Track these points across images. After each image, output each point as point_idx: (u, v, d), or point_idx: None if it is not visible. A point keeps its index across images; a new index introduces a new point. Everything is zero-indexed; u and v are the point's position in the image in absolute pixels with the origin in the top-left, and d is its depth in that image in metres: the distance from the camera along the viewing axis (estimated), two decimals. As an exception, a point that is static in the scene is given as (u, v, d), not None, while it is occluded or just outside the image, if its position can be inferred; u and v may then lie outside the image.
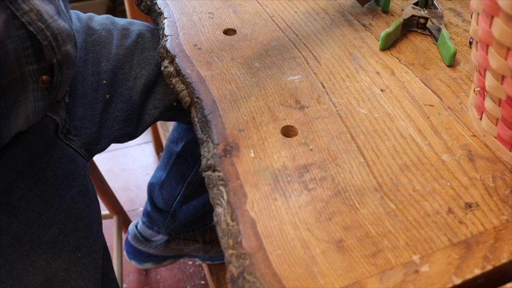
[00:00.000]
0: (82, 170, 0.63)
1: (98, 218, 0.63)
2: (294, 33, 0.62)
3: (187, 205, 0.97)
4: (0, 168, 0.54)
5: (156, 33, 0.71)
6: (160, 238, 1.05)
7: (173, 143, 0.94)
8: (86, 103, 0.65)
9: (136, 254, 1.09)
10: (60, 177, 0.59)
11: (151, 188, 1.00)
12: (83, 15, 0.71)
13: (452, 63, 0.56)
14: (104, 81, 0.67)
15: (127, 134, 0.70)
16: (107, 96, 0.67)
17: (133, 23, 0.73)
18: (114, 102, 0.68)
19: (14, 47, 0.48)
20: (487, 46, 0.41)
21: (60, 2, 0.57)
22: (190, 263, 1.30)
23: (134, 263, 1.11)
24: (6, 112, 0.50)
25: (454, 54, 0.55)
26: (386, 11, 0.67)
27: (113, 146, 0.72)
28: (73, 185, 0.60)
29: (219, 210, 0.40)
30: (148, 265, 1.11)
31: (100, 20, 0.71)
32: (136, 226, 1.08)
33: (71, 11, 0.70)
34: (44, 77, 0.52)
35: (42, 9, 0.50)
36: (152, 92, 0.69)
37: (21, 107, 0.52)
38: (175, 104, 0.70)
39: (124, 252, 1.12)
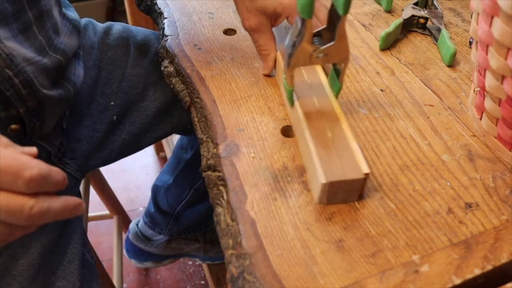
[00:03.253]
0: (71, 190, 0.61)
1: (76, 238, 0.59)
2: (294, 33, 0.62)
3: (191, 209, 0.97)
4: None
5: None
6: (161, 237, 1.05)
7: (182, 149, 0.93)
8: (89, 125, 0.63)
9: (136, 253, 1.09)
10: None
11: (156, 190, 1.00)
12: (100, 28, 0.68)
13: (452, 63, 0.56)
14: (112, 103, 0.64)
15: (127, 154, 0.69)
16: (114, 117, 0.64)
17: (151, 39, 0.69)
18: (122, 123, 0.65)
19: None
20: (487, 46, 0.41)
21: (49, 35, 0.52)
22: (190, 263, 1.30)
23: (134, 262, 1.11)
24: None
25: (454, 54, 0.55)
26: (388, 10, 0.67)
27: (113, 146, 0.72)
28: None
29: (219, 210, 0.40)
30: (148, 264, 1.11)
31: (117, 33, 0.68)
32: (137, 225, 1.08)
33: (87, 19, 0.66)
34: (13, 126, 0.48)
35: (16, 53, 0.45)
36: (168, 115, 0.67)
37: None
38: (189, 127, 0.68)
39: (124, 251, 1.12)
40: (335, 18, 0.40)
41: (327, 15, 0.42)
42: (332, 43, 0.41)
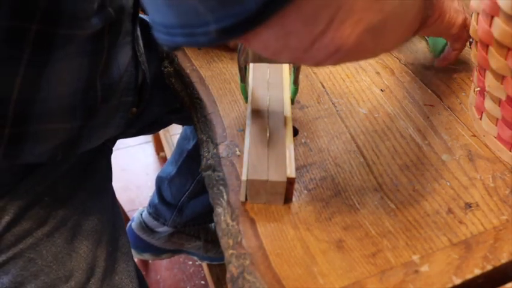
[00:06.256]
0: (111, 167, 0.67)
1: (121, 215, 0.67)
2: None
3: (194, 200, 0.97)
4: (55, 163, 0.55)
5: None
6: (164, 230, 1.05)
7: (185, 140, 0.94)
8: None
9: (137, 243, 1.09)
10: (102, 171, 0.63)
11: (160, 181, 1.00)
12: None
13: (440, 56, 0.55)
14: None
15: (129, 128, 0.70)
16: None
17: (146, 17, 0.74)
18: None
19: (125, 80, 0.55)
20: (487, 46, 0.41)
21: None
22: (190, 263, 1.30)
23: (132, 252, 1.10)
24: (92, 129, 0.54)
25: (444, 47, 0.55)
26: None
27: (113, 146, 0.73)
28: (109, 179, 0.65)
29: (219, 210, 0.40)
30: (146, 256, 1.11)
31: None
32: (142, 214, 1.07)
33: None
34: (134, 109, 0.60)
35: (144, 53, 0.59)
36: (157, 89, 0.69)
37: (107, 129, 0.57)
38: (177, 105, 0.70)
39: None
40: None
41: None
42: None
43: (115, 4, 0.49)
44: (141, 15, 0.74)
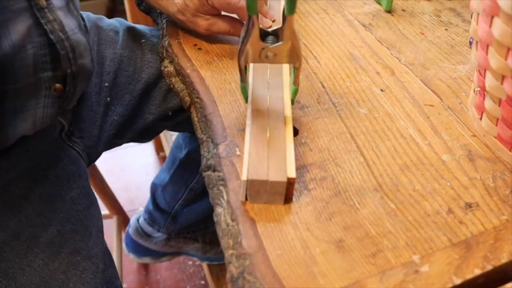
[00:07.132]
0: (84, 172, 0.63)
1: (98, 222, 0.62)
2: (294, 33, 0.62)
3: (188, 208, 0.97)
4: (1, 166, 0.54)
5: (158, 36, 0.71)
6: (160, 235, 1.05)
7: (178, 148, 0.94)
8: (89, 105, 0.65)
9: (135, 248, 1.09)
10: (62, 178, 0.59)
11: (154, 188, 1.00)
12: (93, 16, 0.72)
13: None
14: (106, 84, 0.66)
15: (120, 137, 0.70)
16: (108, 99, 0.67)
17: (139, 26, 0.74)
18: (114, 105, 0.67)
19: (33, 52, 0.49)
20: (487, 46, 0.41)
21: (80, 15, 0.58)
22: (190, 263, 1.30)
23: (132, 256, 1.11)
24: (14, 114, 0.50)
25: None
26: (388, 10, 0.67)
27: (112, 146, 0.72)
28: (73, 186, 0.60)
29: (219, 210, 0.40)
30: (146, 259, 1.11)
31: (109, 21, 0.72)
32: (138, 220, 1.08)
33: (82, 12, 0.70)
34: (57, 85, 0.54)
35: (65, 22, 0.52)
36: (149, 97, 0.69)
37: (30, 111, 0.52)
38: (170, 113, 0.70)
39: (124, 245, 1.12)
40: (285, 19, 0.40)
41: (282, 15, 0.41)
42: (279, 43, 0.41)
43: None
44: (134, 24, 0.74)
